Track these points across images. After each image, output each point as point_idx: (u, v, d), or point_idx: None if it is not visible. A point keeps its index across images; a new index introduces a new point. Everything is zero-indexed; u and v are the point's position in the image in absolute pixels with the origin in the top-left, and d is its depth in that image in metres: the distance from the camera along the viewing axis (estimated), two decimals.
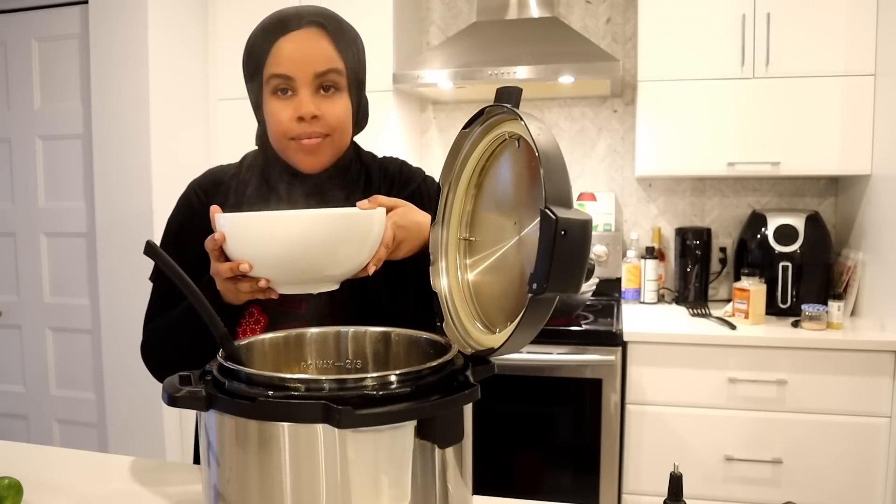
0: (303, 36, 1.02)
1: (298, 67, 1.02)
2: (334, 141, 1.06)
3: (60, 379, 2.79)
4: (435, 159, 3.07)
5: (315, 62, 1.02)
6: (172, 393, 0.64)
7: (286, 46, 1.02)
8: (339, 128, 1.06)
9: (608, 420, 2.24)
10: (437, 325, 0.84)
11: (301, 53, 1.02)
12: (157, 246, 0.66)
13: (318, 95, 1.03)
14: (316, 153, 1.06)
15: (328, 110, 1.04)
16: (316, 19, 1.03)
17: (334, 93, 1.04)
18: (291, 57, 1.02)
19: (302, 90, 1.02)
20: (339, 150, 1.09)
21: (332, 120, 1.04)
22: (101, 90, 2.56)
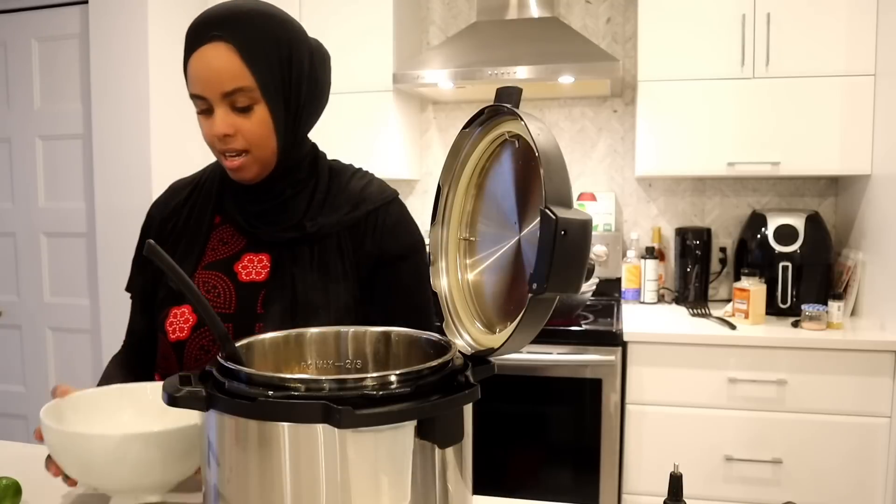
0: (208, 54, 0.98)
1: (207, 88, 0.99)
2: (256, 156, 1.04)
3: (60, 379, 2.79)
4: (435, 159, 3.07)
5: (221, 82, 0.98)
6: (172, 393, 0.64)
7: (195, 65, 0.99)
8: (258, 143, 1.03)
9: (608, 420, 2.24)
10: (437, 325, 0.84)
11: (207, 73, 0.98)
12: (157, 246, 0.66)
13: (234, 112, 1.00)
14: (239, 171, 1.05)
15: (243, 126, 1.01)
16: (219, 33, 0.98)
17: (249, 108, 1.00)
18: (200, 77, 0.99)
19: (217, 109, 1.00)
20: (264, 163, 1.06)
21: (248, 136, 1.01)
22: (101, 90, 2.56)
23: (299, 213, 1.10)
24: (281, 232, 1.09)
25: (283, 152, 1.07)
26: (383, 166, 2.72)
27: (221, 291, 1.10)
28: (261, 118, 1.01)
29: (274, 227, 1.10)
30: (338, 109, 2.71)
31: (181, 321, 1.09)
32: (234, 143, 1.02)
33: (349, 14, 2.69)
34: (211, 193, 1.16)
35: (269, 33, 1.00)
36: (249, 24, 0.99)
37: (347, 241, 1.11)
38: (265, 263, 1.10)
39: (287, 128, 1.05)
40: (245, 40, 0.98)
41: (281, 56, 1.01)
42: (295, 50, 1.03)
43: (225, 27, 0.98)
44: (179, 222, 1.16)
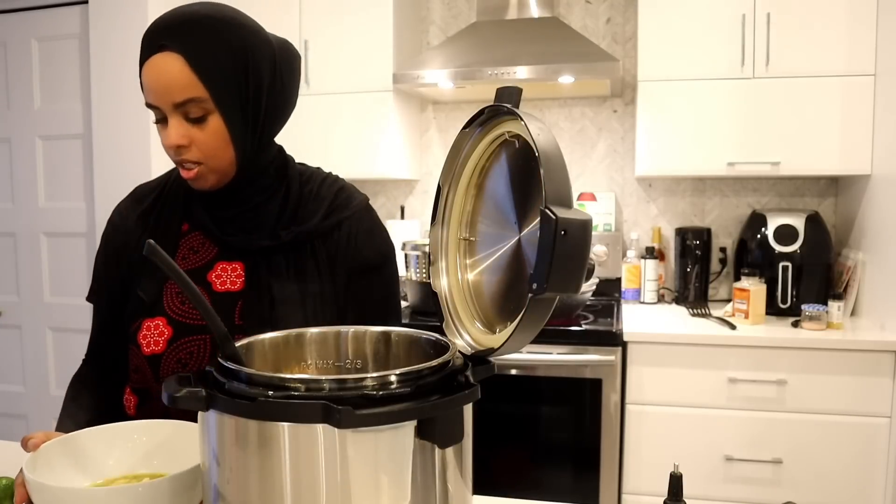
0: (158, 63, 0.95)
1: (159, 98, 0.96)
2: (211, 167, 1.01)
3: (60, 379, 2.79)
4: (435, 159, 3.07)
5: (171, 93, 0.95)
6: (172, 393, 0.64)
7: (147, 75, 0.96)
8: (212, 154, 0.99)
9: (608, 420, 2.24)
10: (439, 325, 0.84)
11: (158, 84, 0.95)
12: (157, 246, 0.66)
13: (188, 122, 0.98)
14: (195, 181, 1.03)
15: (197, 137, 0.98)
16: (168, 42, 0.94)
17: (203, 118, 0.97)
18: (151, 87, 0.96)
19: (170, 119, 0.97)
20: (221, 173, 1.03)
21: (202, 147, 0.99)
22: (101, 90, 2.56)
23: (271, 219, 1.08)
24: (256, 240, 1.07)
25: (243, 160, 1.03)
26: (383, 166, 2.72)
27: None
28: (215, 128, 0.98)
29: (247, 234, 1.07)
30: (338, 109, 2.72)
31: (155, 334, 1.06)
32: (187, 154, 0.99)
33: (349, 14, 2.69)
34: (178, 199, 1.12)
35: (223, 41, 0.96)
36: (201, 32, 0.95)
37: (322, 249, 1.09)
38: (239, 272, 1.07)
39: (246, 136, 1.02)
40: (195, 50, 0.94)
41: (236, 64, 0.97)
42: (252, 56, 0.99)
43: (175, 36, 0.94)
44: (147, 230, 1.12)
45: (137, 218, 1.14)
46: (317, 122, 2.72)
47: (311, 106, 2.73)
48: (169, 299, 1.07)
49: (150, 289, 1.08)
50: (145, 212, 1.14)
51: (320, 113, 2.72)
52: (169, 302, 1.07)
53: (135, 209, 1.15)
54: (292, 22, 2.74)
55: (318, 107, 2.73)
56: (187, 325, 1.06)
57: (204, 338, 1.06)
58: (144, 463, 0.92)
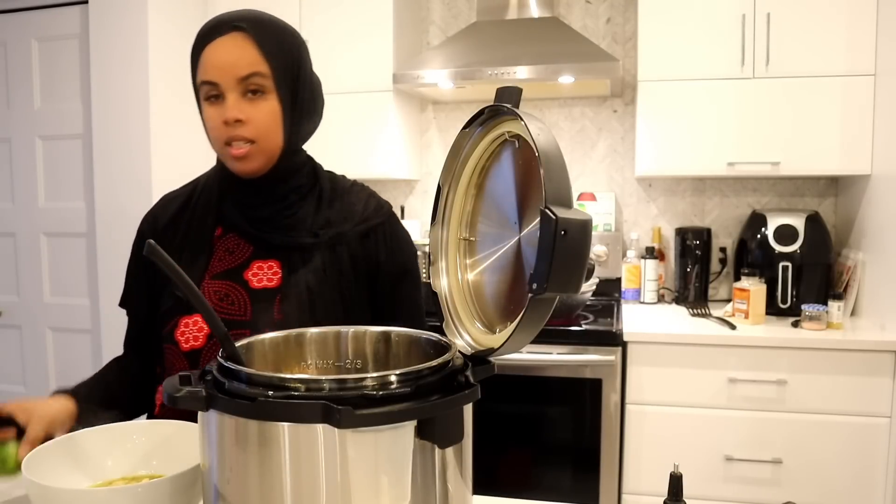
0: (226, 42, 1.04)
1: (222, 73, 1.03)
2: (262, 147, 1.07)
3: (60, 379, 2.79)
4: (435, 159, 3.07)
5: (238, 67, 1.03)
6: (172, 393, 0.64)
7: (211, 53, 1.04)
8: (265, 133, 1.06)
9: (608, 420, 2.24)
10: (439, 325, 0.84)
11: (224, 59, 1.03)
12: (157, 246, 0.66)
13: (245, 100, 1.05)
14: (244, 160, 1.07)
15: (253, 115, 1.05)
16: (239, 24, 1.04)
17: (261, 97, 1.05)
18: (216, 63, 1.04)
19: (229, 95, 1.04)
20: (269, 156, 1.08)
21: (257, 124, 1.05)
22: (101, 90, 2.56)
23: (307, 219, 1.12)
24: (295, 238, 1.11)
25: (288, 150, 1.10)
26: (383, 166, 2.72)
27: (235, 299, 1.10)
28: (270, 108, 1.06)
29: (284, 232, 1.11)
30: (338, 109, 2.72)
31: (194, 330, 1.09)
32: (242, 130, 1.05)
33: (349, 14, 2.69)
34: (209, 204, 1.16)
35: (282, 32, 1.08)
36: (266, 22, 1.07)
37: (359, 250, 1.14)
38: (275, 270, 1.11)
39: (292, 125, 1.09)
40: (263, 33, 1.05)
41: (292, 56, 1.07)
42: (303, 54, 1.10)
43: (245, 21, 1.04)
44: (178, 235, 1.15)
45: (168, 223, 1.18)
46: None
47: None
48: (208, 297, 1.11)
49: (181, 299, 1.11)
50: (175, 217, 1.18)
51: None
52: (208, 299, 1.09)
53: (164, 215, 1.20)
54: (292, 22, 2.72)
55: None
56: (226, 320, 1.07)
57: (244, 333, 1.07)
58: (144, 463, 0.92)
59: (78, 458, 0.90)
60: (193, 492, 0.81)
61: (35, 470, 0.82)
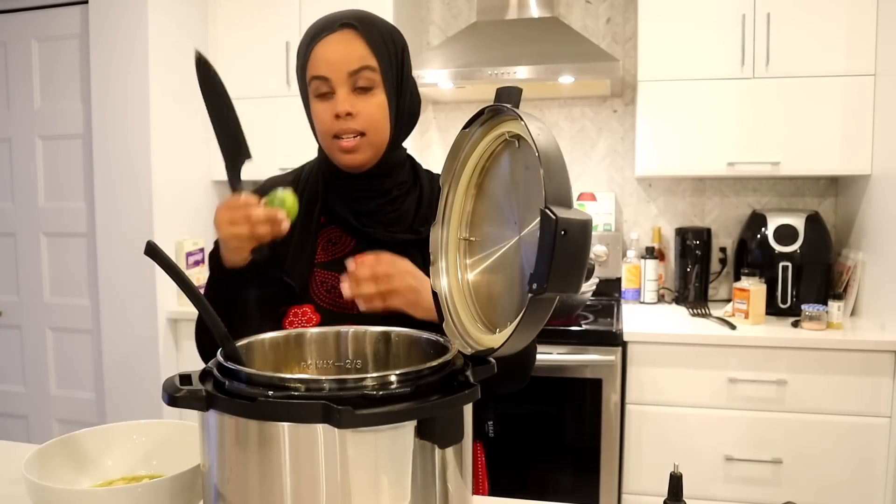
0: (336, 38, 1.07)
1: (333, 68, 1.07)
2: (371, 140, 1.09)
3: (60, 379, 2.79)
4: (435, 159, 3.07)
5: (348, 61, 1.06)
6: (172, 393, 0.64)
7: (322, 50, 1.07)
8: (375, 126, 1.09)
9: (608, 420, 2.24)
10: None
11: (335, 55, 1.07)
12: (158, 246, 0.66)
13: (355, 94, 1.07)
14: (353, 152, 1.09)
15: (363, 108, 1.08)
16: (348, 21, 1.08)
17: (370, 91, 1.08)
18: (327, 59, 1.07)
19: (339, 90, 1.07)
20: (377, 149, 1.11)
21: (367, 117, 1.08)
22: (101, 90, 2.56)
23: (409, 215, 1.14)
24: (396, 233, 1.12)
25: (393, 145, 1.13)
26: None
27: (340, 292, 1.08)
28: (379, 102, 1.09)
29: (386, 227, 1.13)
30: None
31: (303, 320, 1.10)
32: (352, 123, 1.07)
33: None
34: (316, 193, 1.17)
35: (388, 32, 1.11)
36: (374, 21, 1.10)
37: None
38: None
39: (399, 119, 1.12)
40: (371, 30, 1.08)
41: (397, 52, 1.11)
42: (407, 54, 1.13)
43: (354, 19, 1.08)
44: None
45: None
46: None
47: None
48: (315, 287, 1.12)
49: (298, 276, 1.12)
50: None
51: None
52: (316, 289, 1.12)
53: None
54: (292, 22, 2.74)
55: None
56: (335, 312, 1.11)
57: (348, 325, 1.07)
58: (144, 463, 0.92)
59: (78, 458, 0.90)
60: (193, 492, 0.81)
61: (35, 470, 0.82)
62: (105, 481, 0.90)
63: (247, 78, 2.72)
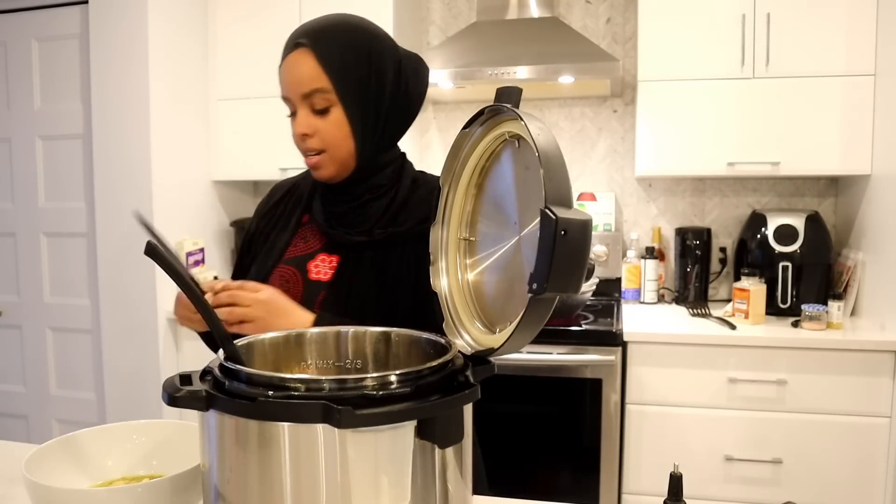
0: (292, 59, 1.07)
1: (291, 90, 1.08)
2: (332, 156, 1.10)
3: (60, 379, 2.79)
4: (435, 159, 3.07)
5: (300, 84, 1.06)
6: (172, 393, 0.64)
7: (283, 71, 1.09)
8: (333, 143, 1.09)
9: (608, 420, 2.24)
10: (439, 323, 0.84)
11: (290, 77, 1.08)
12: (158, 246, 0.66)
13: (314, 114, 1.08)
14: (317, 168, 1.12)
15: (321, 127, 1.08)
16: (300, 40, 1.07)
17: (327, 110, 1.08)
18: (285, 81, 1.09)
19: (299, 111, 1.09)
20: (341, 163, 1.11)
21: (325, 136, 1.08)
22: (101, 90, 2.56)
23: (375, 217, 1.14)
24: (352, 235, 1.13)
25: (363, 155, 1.11)
26: None
27: (292, 286, 1.15)
28: (336, 120, 1.08)
29: (348, 228, 1.14)
30: None
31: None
32: (311, 143, 1.09)
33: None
34: (304, 194, 1.22)
35: (350, 42, 1.07)
36: (331, 33, 1.07)
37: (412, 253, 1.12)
38: (334, 265, 1.14)
39: (366, 132, 1.10)
40: (324, 47, 1.06)
41: (360, 63, 1.07)
42: (377, 60, 1.08)
43: (308, 36, 1.07)
44: (273, 219, 1.24)
45: (268, 210, 1.27)
46: None
47: None
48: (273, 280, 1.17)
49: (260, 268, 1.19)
50: (275, 204, 1.26)
51: None
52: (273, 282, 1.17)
53: (268, 203, 1.28)
54: (292, 22, 2.73)
55: None
56: None
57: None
58: (144, 463, 0.92)
59: (78, 458, 0.90)
60: (193, 492, 0.81)
61: (35, 470, 0.82)
62: (105, 481, 0.90)
63: (247, 78, 2.72)
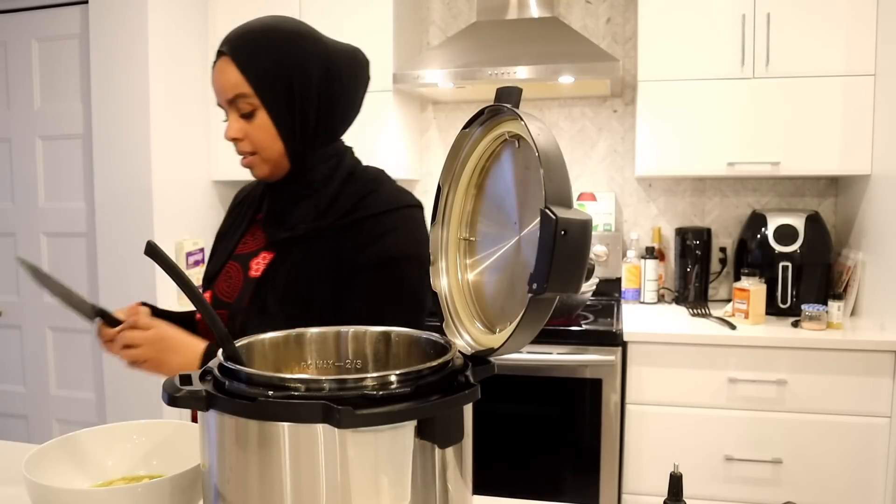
0: (217, 68, 1.11)
1: (218, 97, 1.13)
2: (263, 157, 1.14)
3: (60, 379, 2.79)
4: (435, 159, 3.07)
5: (224, 91, 1.11)
6: (172, 393, 0.64)
7: (212, 79, 1.13)
8: (261, 145, 1.12)
9: (608, 420, 2.24)
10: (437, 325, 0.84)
11: (216, 85, 1.12)
12: (158, 246, 0.66)
13: (242, 118, 1.12)
14: (252, 169, 1.16)
15: (249, 131, 1.12)
16: (223, 48, 1.11)
17: (252, 114, 1.11)
18: (214, 88, 1.13)
19: (229, 116, 1.13)
20: (274, 163, 1.14)
21: (253, 139, 1.12)
22: (101, 90, 2.56)
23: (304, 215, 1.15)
24: (280, 232, 1.16)
25: (295, 155, 1.14)
26: (383, 166, 2.71)
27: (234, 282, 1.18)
28: (262, 123, 1.11)
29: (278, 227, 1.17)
30: None
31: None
32: (242, 146, 1.14)
33: (349, 14, 2.69)
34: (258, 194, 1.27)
35: (271, 46, 1.09)
36: (251, 39, 1.10)
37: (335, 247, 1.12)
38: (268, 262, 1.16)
39: (294, 132, 1.12)
40: (243, 54, 1.09)
41: (281, 66, 1.09)
42: (300, 61, 1.10)
43: (230, 44, 1.10)
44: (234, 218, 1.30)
45: (233, 209, 1.33)
46: None
47: None
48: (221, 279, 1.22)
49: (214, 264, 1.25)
50: (239, 203, 1.32)
51: None
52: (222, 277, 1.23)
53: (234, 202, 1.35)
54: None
55: None
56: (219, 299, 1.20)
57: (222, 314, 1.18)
58: (144, 463, 0.92)
59: (78, 458, 0.90)
60: (193, 492, 0.81)
61: (35, 470, 0.82)
62: (105, 481, 0.90)
63: None
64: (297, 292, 1.11)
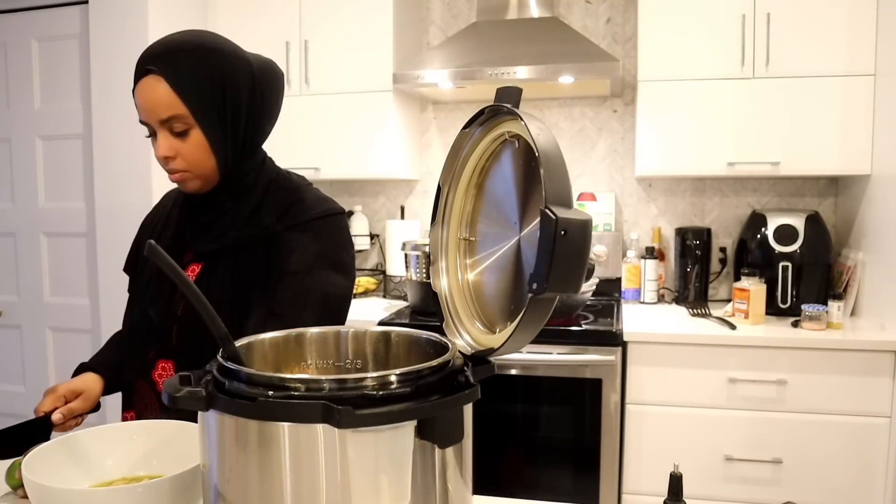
0: (145, 85, 1.07)
1: (148, 116, 1.08)
2: (196, 174, 1.12)
3: (60, 379, 2.78)
4: (435, 159, 3.07)
5: (157, 111, 1.07)
6: (172, 393, 0.64)
7: (137, 96, 1.08)
8: (195, 162, 1.11)
9: (608, 420, 2.24)
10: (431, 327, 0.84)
11: (145, 103, 1.07)
12: (158, 246, 0.66)
13: (174, 136, 1.09)
14: (182, 183, 1.14)
15: (181, 149, 1.09)
16: (151, 66, 1.06)
17: (186, 132, 1.08)
18: (141, 107, 1.08)
19: (159, 134, 1.09)
20: (206, 177, 1.13)
21: (187, 158, 1.10)
22: (101, 90, 2.56)
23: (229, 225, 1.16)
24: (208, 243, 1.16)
25: (224, 168, 1.13)
26: (383, 166, 2.72)
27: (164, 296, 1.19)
28: (196, 141, 1.09)
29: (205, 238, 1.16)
30: (338, 109, 2.72)
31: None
32: (175, 165, 1.11)
33: (349, 14, 2.69)
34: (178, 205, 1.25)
35: (202, 64, 1.07)
36: (182, 57, 1.07)
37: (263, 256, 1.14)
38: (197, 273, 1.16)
39: (226, 147, 1.12)
40: (176, 73, 1.06)
41: (214, 84, 1.08)
42: (230, 77, 1.09)
43: (159, 61, 1.06)
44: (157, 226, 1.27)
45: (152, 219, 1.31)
46: (317, 122, 2.72)
47: (311, 106, 2.73)
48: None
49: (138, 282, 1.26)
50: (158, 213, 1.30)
51: (320, 113, 2.72)
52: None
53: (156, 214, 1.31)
54: (292, 22, 2.74)
55: (319, 107, 2.73)
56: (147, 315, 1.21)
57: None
58: (144, 463, 0.92)
59: (78, 458, 0.90)
60: (193, 492, 0.81)
61: (35, 470, 0.82)
62: (105, 481, 0.90)
63: None
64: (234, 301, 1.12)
